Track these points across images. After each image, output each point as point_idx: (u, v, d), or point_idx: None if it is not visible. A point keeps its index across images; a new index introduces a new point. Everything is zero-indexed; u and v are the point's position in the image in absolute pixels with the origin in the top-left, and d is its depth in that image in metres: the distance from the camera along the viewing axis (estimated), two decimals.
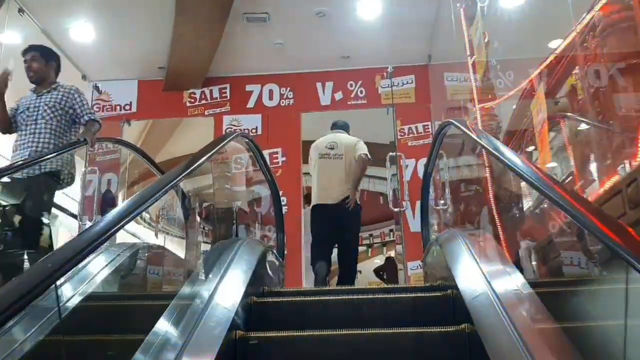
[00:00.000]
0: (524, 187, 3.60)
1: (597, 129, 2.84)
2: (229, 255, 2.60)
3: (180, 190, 5.04)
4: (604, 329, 1.56)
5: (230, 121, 6.75)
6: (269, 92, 6.86)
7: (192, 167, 2.28)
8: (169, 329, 1.80)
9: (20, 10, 5.64)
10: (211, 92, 6.92)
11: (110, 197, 5.91)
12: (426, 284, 3.17)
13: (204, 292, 2.12)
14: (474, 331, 1.87)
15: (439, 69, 6.52)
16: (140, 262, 3.20)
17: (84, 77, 6.91)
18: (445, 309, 2.25)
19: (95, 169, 6.02)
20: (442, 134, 3.85)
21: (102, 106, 6.91)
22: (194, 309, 1.92)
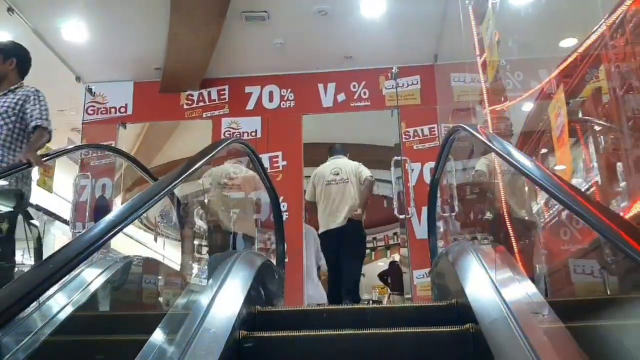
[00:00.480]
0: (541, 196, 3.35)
1: (626, 136, 2.60)
2: (219, 278, 2.36)
3: (175, 198, 4.83)
4: None
5: (229, 124, 6.51)
6: (268, 94, 6.63)
7: (183, 176, 2.18)
8: None
9: (9, 9, 5.41)
10: (209, 93, 6.69)
11: (102, 205, 5.69)
12: (436, 303, 2.93)
13: (187, 328, 1.89)
14: None
15: (445, 69, 6.27)
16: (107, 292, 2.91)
17: (78, 78, 6.71)
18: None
19: (87, 174, 5.82)
20: (452, 139, 3.61)
21: (97, 109, 6.69)
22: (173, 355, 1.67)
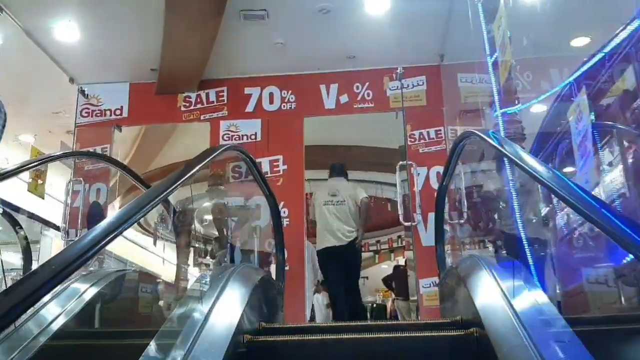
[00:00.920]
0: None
1: None
2: (211, 299, 2.15)
3: (171, 207, 4.63)
4: None
5: (227, 127, 6.29)
6: (269, 96, 6.40)
7: (175, 185, 2.07)
8: None
9: None
10: (207, 95, 6.46)
11: (96, 212, 5.47)
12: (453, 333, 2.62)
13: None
14: None
15: (452, 70, 6.04)
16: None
17: (71, 80, 6.50)
18: None
19: (80, 179, 5.62)
20: (461, 145, 3.39)
21: (91, 111, 6.47)
22: None
